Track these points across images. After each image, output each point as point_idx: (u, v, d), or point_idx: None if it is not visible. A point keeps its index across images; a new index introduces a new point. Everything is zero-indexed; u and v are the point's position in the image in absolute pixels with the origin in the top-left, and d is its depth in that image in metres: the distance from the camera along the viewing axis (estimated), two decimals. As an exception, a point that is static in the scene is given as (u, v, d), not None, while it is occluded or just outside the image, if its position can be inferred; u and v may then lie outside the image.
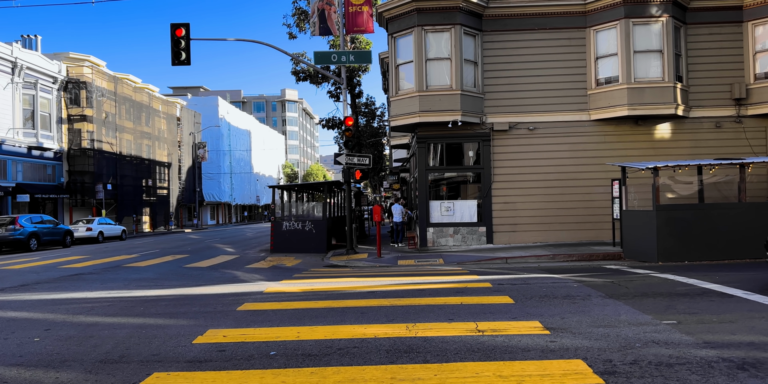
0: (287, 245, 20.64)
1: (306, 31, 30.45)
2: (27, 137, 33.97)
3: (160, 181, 50.28)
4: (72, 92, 38.08)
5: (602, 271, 11.91)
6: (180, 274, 13.81)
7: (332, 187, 24.06)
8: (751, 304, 7.31)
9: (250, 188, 78.73)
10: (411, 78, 18.15)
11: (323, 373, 4.85)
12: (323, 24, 23.34)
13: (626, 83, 17.42)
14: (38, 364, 5.42)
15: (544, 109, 18.41)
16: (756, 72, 17.99)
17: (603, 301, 7.78)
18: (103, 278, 13.03)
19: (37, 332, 6.86)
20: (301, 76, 31.74)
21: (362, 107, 39.73)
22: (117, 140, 42.26)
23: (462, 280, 10.73)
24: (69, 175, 38.07)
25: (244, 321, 7.23)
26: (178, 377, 4.88)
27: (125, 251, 22.30)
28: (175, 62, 17.01)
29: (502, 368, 4.84)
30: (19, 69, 32.82)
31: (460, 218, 18.49)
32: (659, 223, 13.19)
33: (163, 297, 9.70)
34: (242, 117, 78.97)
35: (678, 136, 18.27)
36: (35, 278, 13.15)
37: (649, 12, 17.41)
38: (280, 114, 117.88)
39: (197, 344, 6.03)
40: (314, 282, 11.40)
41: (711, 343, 5.45)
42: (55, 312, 8.27)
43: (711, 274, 10.41)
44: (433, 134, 18.47)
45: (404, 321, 6.87)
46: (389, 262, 15.64)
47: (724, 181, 15.95)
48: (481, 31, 18.43)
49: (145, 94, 47.98)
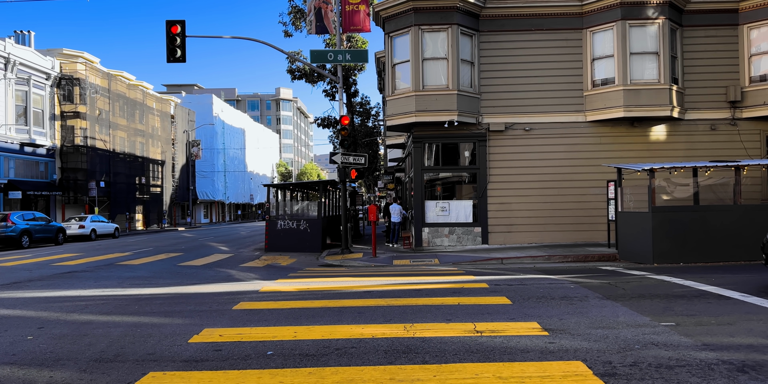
0: (282, 244, 20.57)
1: (302, 29, 30.37)
2: (19, 133, 33.70)
3: (154, 179, 50.01)
4: (65, 89, 37.80)
5: (598, 272, 11.91)
6: (174, 273, 13.72)
7: (327, 186, 23.99)
8: (748, 307, 7.31)
9: (243, 187, 78.48)
10: (407, 78, 18.12)
11: (321, 374, 4.81)
12: (320, 22, 23.28)
13: (622, 85, 17.45)
14: (32, 362, 5.35)
15: (540, 110, 18.43)
16: (751, 75, 18.06)
17: (600, 303, 7.77)
18: (97, 276, 12.92)
19: (30, 330, 6.77)
20: (297, 74, 31.67)
21: (357, 107, 39.65)
22: (110, 137, 42.00)
23: (458, 280, 10.70)
24: (62, 172, 37.80)
25: (240, 320, 7.17)
26: (174, 377, 4.82)
27: (118, 249, 22.15)
28: (170, 59, 16.92)
29: (501, 369, 4.81)
30: (11, 65, 32.56)
31: (455, 218, 18.47)
32: (655, 225, 13.21)
33: (158, 295, 9.62)
34: (236, 115, 78.70)
35: (673, 138, 18.33)
36: (27, 276, 13.03)
37: (646, 14, 17.45)
38: (275, 113, 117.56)
39: (193, 343, 5.97)
40: (310, 281, 11.34)
41: (710, 345, 5.44)
42: (48, 310, 8.18)
43: (707, 276, 10.42)
44: (429, 134, 18.45)
45: (402, 321, 6.83)
46: (384, 261, 15.59)
47: (720, 184, 16.00)
48: (477, 31, 18.42)
49: (139, 91, 47.71)
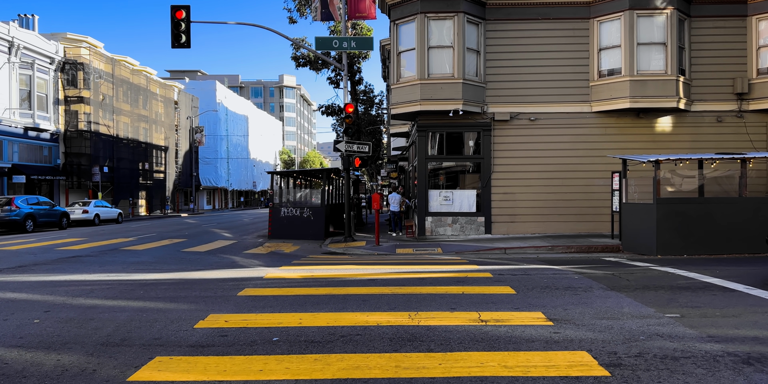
0: (285, 231, 20.60)
1: (307, 16, 30.18)
2: (23, 118, 33.68)
3: (157, 165, 50.05)
4: (69, 73, 37.71)
5: (602, 263, 11.92)
6: (178, 258, 13.77)
7: (331, 174, 23.98)
8: (753, 299, 7.32)
9: (246, 174, 78.53)
10: (412, 66, 18.01)
11: (327, 360, 4.83)
12: (325, 9, 23.15)
13: (629, 75, 17.33)
14: (39, 346, 5.38)
15: (545, 100, 18.33)
16: (759, 67, 17.91)
17: (605, 293, 7.78)
18: (102, 261, 12.97)
19: (37, 314, 6.81)
20: (301, 61, 31.54)
21: (361, 95, 39.53)
22: (114, 123, 41.97)
23: (462, 269, 10.72)
24: (65, 157, 37.83)
25: (245, 306, 7.20)
26: (180, 361, 4.85)
27: (122, 234, 22.22)
28: (174, 45, 16.85)
29: (506, 358, 4.83)
30: (15, 48, 32.45)
31: (458, 208, 18.46)
32: (659, 217, 13.19)
33: (163, 281, 9.65)
34: (240, 102, 78.53)
35: (679, 129, 18.24)
36: (33, 260, 13.08)
37: (654, 4, 17.28)
38: (278, 100, 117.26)
39: (199, 329, 5.99)
40: (314, 268, 11.37)
41: (715, 337, 5.45)
42: (54, 294, 8.22)
43: (711, 268, 10.42)
44: (434, 123, 18.38)
45: (406, 309, 6.85)
46: (387, 250, 15.62)
47: (725, 176, 15.94)
48: (484, 19, 18.28)
49: (143, 76, 47.58)
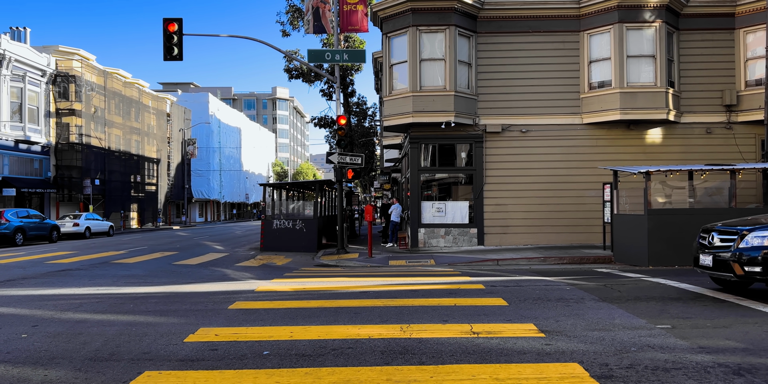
0: (277, 244, 20.53)
1: (299, 28, 30.38)
2: (14, 130, 33.53)
3: (149, 177, 49.86)
4: (61, 86, 37.65)
5: (593, 274, 11.93)
6: (169, 272, 13.67)
7: (323, 186, 23.97)
8: (743, 310, 7.33)
9: (239, 186, 78.34)
10: (405, 78, 18.12)
11: (318, 374, 4.79)
12: (317, 22, 23.26)
13: (619, 87, 17.49)
14: (26, 361, 5.31)
15: (537, 112, 18.46)
16: (747, 79, 18.13)
17: (596, 305, 7.78)
18: (92, 274, 12.86)
19: (25, 328, 6.73)
20: (294, 73, 31.66)
21: (354, 107, 39.64)
22: (106, 135, 41.84)
23: (454, 281, 10.70)
24: (56, 170, 37.64)
25: (236, 320, 7.15)
26: (170, 376, 4.79)
27: (113, 247, 22.07)
28: (167, 57, 16.87)
29: (498, 371, 4.81)
30: (7, 61, 32.40)
31: (451, 219, 18.48)
32: (650, 228, 13.24)
33: (153, 294, 9.58)
34: (232, 114, 78.55)
35: (669, 141, 18.39)
36: (21, 273, 12.96)
37: (643, 17, 17.50)
38: (271, 112, 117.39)
39: (189, 343, 5.94)
40: (306, 281, 11.32)
41: (706, 348, 5.45)
42: (42, 308, 8.14)
43: (702, 279, 10.45)
44: (426, 135, 18.45)
45: (398, 322, 6.82)
46: (380, 262, 15.58)
47: (715, 187, 16.05)
48: (475, 32, 18.44)
49: (135, 89, 47.55)
